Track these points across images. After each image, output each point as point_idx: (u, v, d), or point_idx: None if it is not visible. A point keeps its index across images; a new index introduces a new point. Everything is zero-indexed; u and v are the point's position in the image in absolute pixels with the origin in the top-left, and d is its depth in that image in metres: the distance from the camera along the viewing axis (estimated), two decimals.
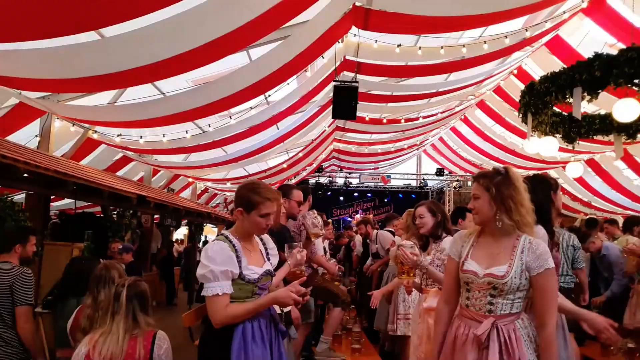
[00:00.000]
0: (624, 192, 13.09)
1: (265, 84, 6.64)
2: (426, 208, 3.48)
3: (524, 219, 2.14)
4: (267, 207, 2.38)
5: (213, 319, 2.22)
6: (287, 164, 12.11)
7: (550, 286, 2.08)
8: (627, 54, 4.84)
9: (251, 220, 2.36)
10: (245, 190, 2.40)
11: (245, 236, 2.42)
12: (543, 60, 9.30)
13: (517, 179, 2.19)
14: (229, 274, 2.24)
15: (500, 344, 2.04)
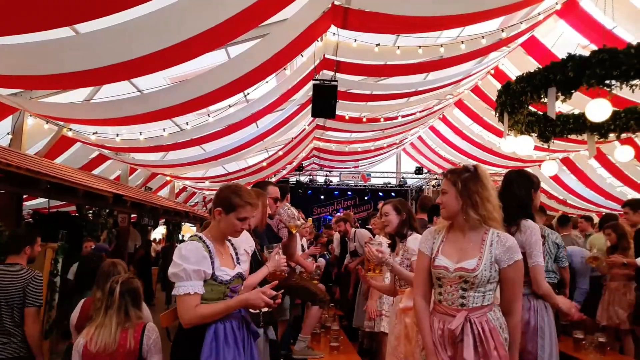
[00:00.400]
0: (598, 190, 13.41)
1: (244, 82, 6.60)
2: (391, 206, 3.47)
3: (490, 214, 2.19)
4: (247, 211, 2.40)
5: (182, 318, 2.23)
6: (267, 162, 12.07)
7: (519, 277, 2.19)
8: (598, 55, 4.92)
9: (228, 221, 2.38)
10: (228, 191, 2.42)
11: (219, 238, 2.44)
12: (519, 60, 9.46)
13: (485, 177, 2.24)
14: (202, 274, 2.25)
15: (474, 336, 2.09)
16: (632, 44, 4.84)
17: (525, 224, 2.80)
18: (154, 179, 11.57)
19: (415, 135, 16.18)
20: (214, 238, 2.40)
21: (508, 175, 3.11)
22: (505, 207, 2.82)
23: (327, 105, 6.64)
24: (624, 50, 4.80)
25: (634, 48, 4.76)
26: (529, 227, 2.79)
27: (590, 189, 13.61)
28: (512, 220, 2.80)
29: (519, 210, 2.85)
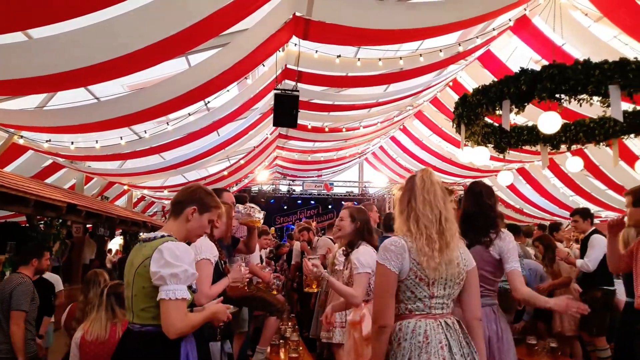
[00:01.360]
0: (552, 199, 13.93)
1: (205, 90, 6.53)
2: (348, 212, 3.33)
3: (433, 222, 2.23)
4: (217, 214, 2.38)
5: (174, 326, 2.00)
6: (228, 171, 11.93)
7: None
8: (548, 70, 5.11)
9: (200, 222, 2.29)
10: (203, 191, 2.37)
11: (181, 240, 2.28)
12: (476, 73, 9.76)
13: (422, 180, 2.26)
14: (194, 279, 2.12)
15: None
16: (579, 61, 5.06)
17: (504, 230, 2.89)
18: (110, 188, 11.24)
19: (377, 145, 16.40)
20: (180, 240, 2.26)
21: (475, 186, 3.11)
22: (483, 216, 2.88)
23: (289, 115, 6.64)
24: (572, 66, 5.01)
25: (581, 64, 4.98)
26: (507, 234, 2.88)
27: (545, 198, 14.13)
28: (491, 228, 2.88)
29: (495, 219, 2.93)
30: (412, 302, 2.07)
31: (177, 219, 2.28)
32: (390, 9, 5.94)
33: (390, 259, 2.05)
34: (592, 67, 4.92)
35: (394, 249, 2.06)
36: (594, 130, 6.52)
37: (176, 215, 2.29)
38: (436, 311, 2.07)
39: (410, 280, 2.05)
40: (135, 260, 2.14)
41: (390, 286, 2.05)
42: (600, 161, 10.88)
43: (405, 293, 2.07)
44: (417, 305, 2.06)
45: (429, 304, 2.06)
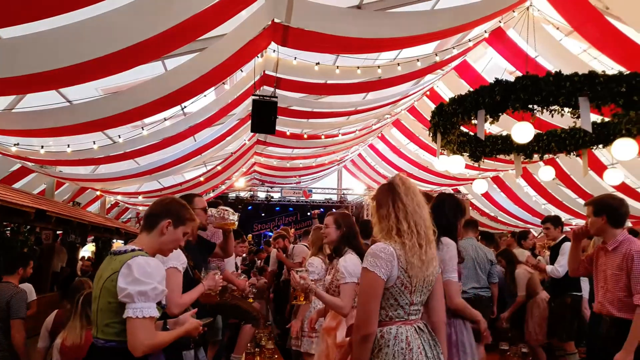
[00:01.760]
0: (525, 207, 14.19)
1: (181, 95, 6.46)
2: (332, 218, 3.32)
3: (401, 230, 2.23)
4: (191, 227, 2.33)
5: (142, 345, 1.93)
6: (205, 177, 11.80)
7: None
8: (522, 81, 5.20)
9: (175, 235, 2.25)
10: (178, 204, 2.32)
11: (153, 254, 2.24)
12: (452, 83, 9.92)
13: (398, 185, 2.27)
14: (163, 296, 2.06)
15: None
16: (551, 73, 5.18)
17: (444, 240, 2.84)
18: (83, 194, 10.99)
19: (356, 152, 16.48)
20: (151, 254, 2.20)
21: (440, 196, 3.16)
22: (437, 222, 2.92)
23: (267, 121, 6.62)
24: (544, 78, 5.12)
25: (552, 76, 5.09)
26: (446, 244, 2.84)
27: (519, 206, 14.39)
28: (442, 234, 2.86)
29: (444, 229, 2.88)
30: (394, 309, 2.07)
31: (151, 232, 2.22)
32: (369, 18, 6.00)
33: (380, 266, 2.02)
34: (563, 79, 5.03)
35: (383, 255, 2.04)
36: (565, 140, 6.67)
37: (150, 228, 2.23)
38: (412, 317, 2.10)
39: (396, 287, 2.06)
40: (104, 274, 2.07)
41: (378, 293, 2.04)
42: (571, 170, 11.15)
43: (389, 300, 2.07)
44: (399, 312, 2.08)
45: (408, 311, 2.08)
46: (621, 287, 3.01)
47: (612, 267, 3.10)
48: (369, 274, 2.03)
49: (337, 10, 5.64)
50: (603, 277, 3.19)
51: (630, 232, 4.68)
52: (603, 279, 3.18)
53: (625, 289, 2.98)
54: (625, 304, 2.99)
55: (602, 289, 3.18)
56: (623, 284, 3.00)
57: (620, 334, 2.93)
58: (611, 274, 3.10)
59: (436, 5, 7.10)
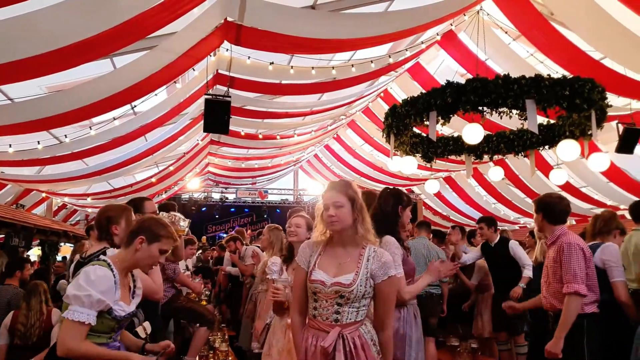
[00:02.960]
0: (476, 206, 14.62)
1: (131, 94, 6.24)
2: (304, 221, 3.40)
3: (370, 230, 2.25)
4: (169, 244, 2.35)
5: (64, 345, 2.02)
6: (157, 178, 11.46)
7: (393, 292, 2.22)
8: (472, 84, 5.33)
9: (150, 252, 2.28)
10: (152, 220, 2.37)
11: (127, 269, 2.31)
12: (406, 85, 10.08)
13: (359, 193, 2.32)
14: (102, 305, 2.09)
15: (346, 353, 2.09)
16: (500, 75, 5.33)
17: (385, 239, 2.84)
18: (27, 196, 10.44)
19: (312, 153, 16.48)
20: (121, 268, 2.25)
21: (383, 191, 3.21)
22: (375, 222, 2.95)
23: (220, 121, 6.47)
24: (493, 81, 5.27)
25: (501, 79, 5.25)
26: (386, 243, 2.82)
27: (470, 205, 14.81)
28: (386, 229, 2.89)
29: (384, 226, 2.89)
30: None
31: (127, 248, 2.31)
32: (323, 18, 5.99)
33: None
34: (511, 82, 5.19)
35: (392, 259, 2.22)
36: (513, 141, 6.91)
37: (128, 244, 2.31)
38: None
39: None
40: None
41: None
42: (519, 171, 11.58)
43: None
44: None
45: None
46: (558, 279, 3.12)
47: (551, 260, 3.22)
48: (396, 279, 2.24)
49: (290, 10, 5.59)
50: (546, 272, 3.31)
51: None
52: (546, 274, 3.31)
53: (561, 280, 3.09)
54: (562, 295, 3.08)
55: (546, 283, 3.30)
56: (559, 276, 3.11)
57: None
58: (551, 267, 3.22)
59: (390, 7, 7.18)
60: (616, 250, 3.42)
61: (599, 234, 3.47)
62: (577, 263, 3.00)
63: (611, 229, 3.56)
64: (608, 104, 5.62)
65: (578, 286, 2.94)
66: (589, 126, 5.67)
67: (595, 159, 7.04)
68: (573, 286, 2.95)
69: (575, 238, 3.15)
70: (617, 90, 7.19)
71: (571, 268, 2.99)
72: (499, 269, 5.34)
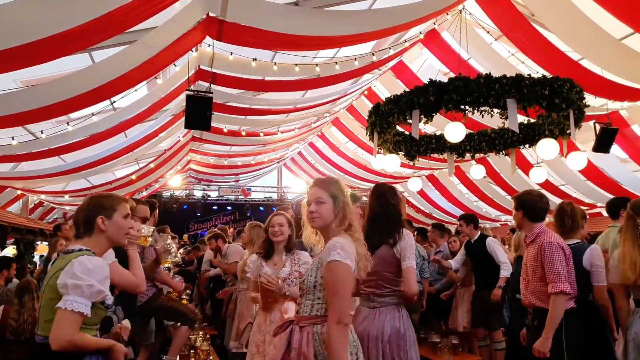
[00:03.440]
0: (458, 204, 14.75)
1: (110, 89, 6.12)
2: (285, 219, 3.47)
3: (354, 227, 2.23)
4: (126, 208, 2.29)
5: (61, 337, 1.93)
6: (137, 175, 11.29)
7: (332, 280, 2.05)
8: (455, 82, 5.35)
9: (116, 224, 2.23)
10: (97, 198, 2.30)
11: (102, 253, 2.25)
12: (389, 83, 10.11)
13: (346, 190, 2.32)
14: (100, 296, 2.04)
15: (290, 345, 2.10)
16: (482, 75, 5.36)
17: (404, 230, 3.03)
18: (2, 193, 10.20)
19: (296, 150, 16.44)
20: (99, 255, 2.19)
21: (380, 187, 3.22)
22: (387, 216, 2.99)
23: (202, 117, 6.38)
24: (475, 80, 5.30)
25: (483, 78, 5.28)
26: (407, 234, 3.02)
27: (452, 203, 14.94)
28: (395, 228, 3.01)
29: (399, 219, 3.08)
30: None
31: (92, 235, 2.24)
32: (306, 15, 5.96)
33: (349, 258, 2.08)
34: (493, 81, 5.23)
35: (348, 248, 2.10)
36: (494, 140, 6.97)
37: (90, 232, 2.24)
38: None
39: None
40: (51, 271, 2.13)
41: (351, 284, 2.14)
42: (500, 169, 11.71)
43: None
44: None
45: None
46: (538, 277, 3.17)
47: (531, 259, 3.26)
48: (344, 265, 2.05)
49: (274, 6, 5.55)
50: (525, 270, 3.35)
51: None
52: (525, 271, 3.34)
53: (542, 279, 3.14)
54: (543, 293, 3.14)
55: (525, 281, 3.34)
56: (539, 275, 3.15)
57: (542, 324, 3.07)
58: (530, 266, 3.26)
59: (373, 5, 7.18)
60: (600, 253, 3.48)
61: (572, 231, 3.51)
62: (560, 263, 3.05)
63: (580, 222, 3.61)
64: (586, 104, 5.71)
65: (563, 285, 3.00)
66: (567, 125, 5.75)
67: (574, 158, 7.15)
68: (559, 286, 3.00)
69: (555, 237, 3.19)
70: (595, 91, 7.32)
71: (554, 268, 3.04)
72: (478, 265, 5.39)
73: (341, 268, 2.03)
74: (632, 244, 2.98)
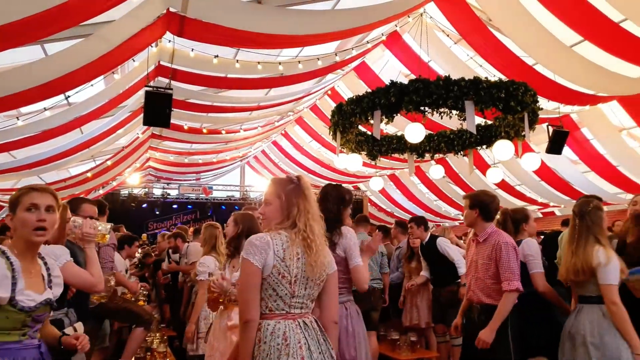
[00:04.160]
0: (419, 203, 15.05)
1: (64, 83, 5.89)
2: (232, 217, 3.39)
3: (306, 226, 2.16)
4: (32, 197, 2.12)
5: None
6: (92, 173, 10.91)
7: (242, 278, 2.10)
8: (415, 84, 5.45)
9: (19, 219, 2.06)
10: (12, 196, 2.17)
11: (25, 251, 2.08)
12: (352, 83, 10.20)
13: (307, 188, 2.24)
14: None
15: None
16: (441, 77, 5.50)
17: (344, 228, 2.98)
18: None
19: (259, 149, 16.33)
20: (20, 253, 2.04)
21: (324, 189, 3.24)
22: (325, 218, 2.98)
23: (161, 114, 6.25)
24: (435, 82, 5.42)
25: (442, 80, 5.41)
26: (347, 231, 2.98)
27: (413, 202, 15.22)
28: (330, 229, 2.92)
29: (335, 219, 3.01)
30: (273, 300, 2.07)
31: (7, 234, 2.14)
32: (269, 13, 5.93)
33: (254, 254, 2.03)
34: (452, 84, 5.36)
35: (258, 244, 2.05)
36: (453, 141, 7.14)
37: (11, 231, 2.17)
38: (295, 310, 2.10)
39: (273, 277, 2.05)
40: None
41: (254, 281, 2.05)
42: (459, 169, 12.02)
43: (267, 290, 2.07)
44: (278, 303, 2.07)
45: (289, 303, 2.08)
46: (490, 275, 3.28)
47: (482, 257, 3.36)
48: (244, 261, 2.05)
49: (236, 3, 5.50)
50: (474, 267, 3.44)
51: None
52: (474, 269, 3.44)
53: (494, 277, 3.26)
54: (493, 290, 3.26)
55: (473, 278, 3.44)
56: (492, 272, 3.27)
57: (488, 319, 3.20)
58: (482, 264, 3.36)
59: (336, 6, 7.22)
60: (536, 245, 3.63)
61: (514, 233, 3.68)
62: (514, 262, 3.19)
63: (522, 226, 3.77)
64: (539, 107, 5.94)
65: (517, 283, 3.14)
66: (522, 127, 5.96)
67: (528, 159, 7.41)
68: (514, 284, 3.13)
69: (508, 237, 3.33)
70: (547, 95, 7.62)
71: (510, 266, 3.17)
72: (433, 265, 5.51)
73: (243, 264, 2.06)
74: (569, 244, 3.12)
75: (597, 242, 2.96)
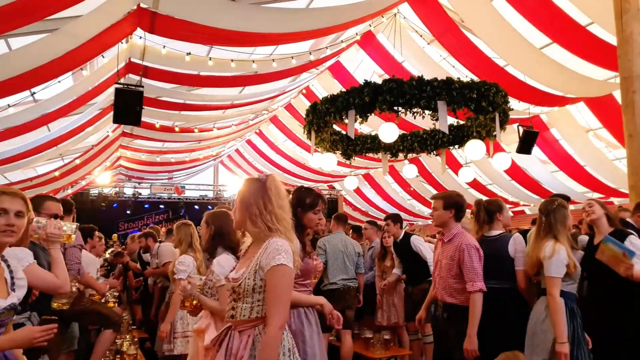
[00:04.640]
0: (393, 202, 15.17)
1: (30, 79, 5.71)
2: (205, 218, 3.21)
3: (273, 224, 2.09)
4: (2, 201, 2.05)
5: None
6: (60, 171, 10.61)
7: (275, 284, 1.99)
8: (388, 84, 5.47)
9: None
10: None
11: None
12: (327, 82, 10.21)
13: (271, 187, 2.15)
14: None
15: (228, 350, 2.04)
16: (414, 77, 5.53)
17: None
18: None
19: (233, 148, 16.17)
20: None
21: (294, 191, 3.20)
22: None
23: (132, 112, 6.12)
24: (408, 82, 5.45)
25: (415, 81, 5.45)
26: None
27: (387, 201, 15.34)
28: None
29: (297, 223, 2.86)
30: None
31: None
32: (243, 10, 5.87)
33: (292, 260, 2.01)
34: (425, 84, 5.41)
35: (289, 249, 2.03)
36: (426, 140, 7.22)
37: None
38: None
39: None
40: None
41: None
42: (431, 168, 12.15)
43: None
44: None
45: None
46: (452, 275, 3.34)
47: (446, 257, 3.42)
48: (286, 268, 1.99)
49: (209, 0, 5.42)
50: (439, 266, 3.50)
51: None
52: (439, 268, 3.50)
53: (456, 277, 3.32)
54: (455, 290, 3.32)
55: (438, 277, 3.51)
56: (454, 273, 3.33)
57: (450, 317, 3.30)
58: (445, 264, 3.41)
59: (311, 5, 7.20)
60: (524, 241, 3.69)
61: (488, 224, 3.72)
62: (478, 263, 3.25)
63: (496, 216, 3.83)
64: (510, 107, 6.04)
65: (481, 284, 3.20)
66: (493, 127, 6.06)
67: (499, 159, 7.54)
68: (477, 284, 3.19)
69: (472, 239, 3.39)
70: (518, 96, 7.78)
71: (473, 268, 3.23)
72: (406, 263, 5.54)
73: (286, 270, 1.99)
74: (535, 240, 3.24)
75: (553, 238, 3.09)
